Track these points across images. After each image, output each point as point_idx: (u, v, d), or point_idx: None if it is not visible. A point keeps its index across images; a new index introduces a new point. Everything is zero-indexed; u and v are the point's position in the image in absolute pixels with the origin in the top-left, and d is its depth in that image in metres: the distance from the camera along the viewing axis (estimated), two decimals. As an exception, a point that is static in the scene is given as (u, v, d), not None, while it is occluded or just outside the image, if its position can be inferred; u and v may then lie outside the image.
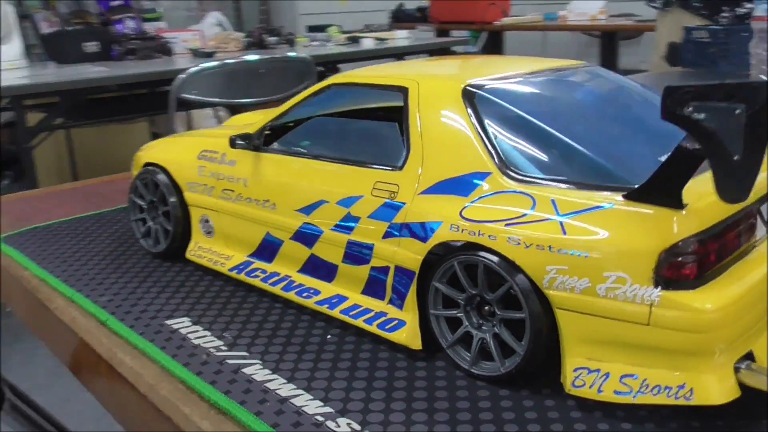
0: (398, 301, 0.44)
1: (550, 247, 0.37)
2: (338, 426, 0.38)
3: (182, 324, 0.48)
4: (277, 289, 0.50)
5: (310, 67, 2.52)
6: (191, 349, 0.44)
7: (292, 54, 2.51)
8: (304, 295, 0.49)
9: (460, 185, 0.41)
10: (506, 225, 0.38)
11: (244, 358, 0.44)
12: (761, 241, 0.42)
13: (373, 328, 0.44)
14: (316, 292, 0.48)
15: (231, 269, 0.54)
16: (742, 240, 0.39)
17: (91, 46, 2.89)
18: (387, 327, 0.44)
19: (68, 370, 0.55)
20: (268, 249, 0.51)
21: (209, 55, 2.86)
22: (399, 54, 3.28)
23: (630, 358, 0.37)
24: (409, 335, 0.43)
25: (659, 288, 0.35)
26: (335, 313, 0.46)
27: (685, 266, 0.35)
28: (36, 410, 0.66)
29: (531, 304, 0.38)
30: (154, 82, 2.52)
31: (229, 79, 2.43)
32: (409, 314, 0.43)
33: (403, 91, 0.45)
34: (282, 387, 0.41)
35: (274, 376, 0.42)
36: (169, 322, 0.49)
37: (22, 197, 0.95)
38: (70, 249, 0.62)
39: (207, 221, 0.56)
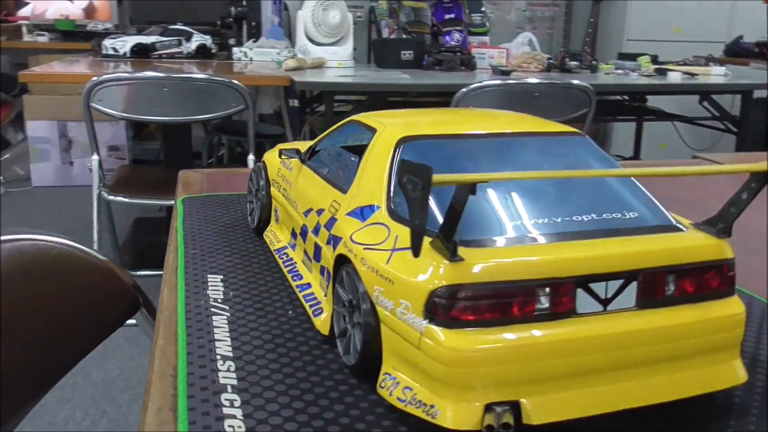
0: (326, 295, 0.56)
1: (377, 271, 0.46)
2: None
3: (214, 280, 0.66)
4: (285, 271, 0.65)
5: (590, 96, 2.56)
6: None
7: (574, 81, 2.55)
8: (294, 279, 0.63)
9: (363, 212, 0.52)
10: (365, 249, 0.48)
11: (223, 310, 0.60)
12: (591, 315, 0.45)
13: (309, 311, 0.57)
14: (300, 277, 0.62)
15: (275, 250, 0.70)
16: (541, 306, 0.43)
17: (407, 55, 3.24)
18: (315, 313, 0.57)
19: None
20: (294, 239, 0.66)
21: (506, 73, 3.01)
22: (701, 91, 3.08)
23: (411, 374, 0.45)
24: (323, 323, 0.55)
25: (426, 320, 0.43)
26: (300, 296, 0.60)
27: (445, 307, 0.42)
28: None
29: (365, 314, 0.48)
30: (446, 93, 2.76)
31: (508, 98, 2.58)
32: (328, 306, 0.55)
33: (373, 132, 0.57)
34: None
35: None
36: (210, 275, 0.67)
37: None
38: (213, 217, 0.84)
39: (276, 210, 0.74)
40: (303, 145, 0.70)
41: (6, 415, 0.68)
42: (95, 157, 2.36)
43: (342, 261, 0.51)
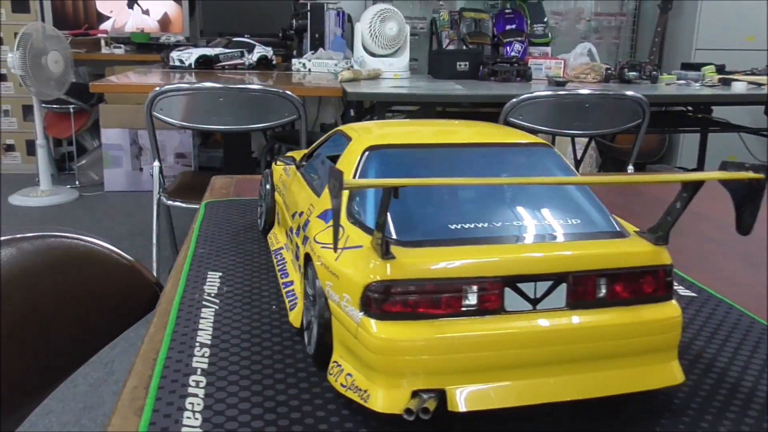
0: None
1: (328, 267, 0.50)
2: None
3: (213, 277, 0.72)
4: (277, 269, 0.70)
5: (643, 107, 2.52)
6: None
7: (628, 92, 2.53)
8: (282, 276, 0.68)
9: (328, 214, 0.56)
10: (322, 247, 0.52)
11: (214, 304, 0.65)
12: (519, 313, 0.47)
13: (287, 306, 0.62)
14: (287, 275, 0.67)
15: (273, 250, 0.75)
16: (469, 302, 0.46)
17: (462, 66, 3.27)
18: (291, 307, 0.61)
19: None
20: (288, 240, 0.71)
21: (561, 84, 3.00)
22: (764, 102, 2.98)
23: (352, 362, 0.48)
24: (295, 316, 0.59)
25: (362, 313, 0.46)
26: (283, 292, 0.65)
27: (377, 301, 0.45)
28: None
29: (320, 307, 0.52)
30: (497, 104, 2.77)
31: (558, 109, 2.57)
32: (300, 301, 0.60)
33: (348, 140, 0.61)
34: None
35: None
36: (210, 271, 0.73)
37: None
38: (230, 220, 0.90)
39: (278, 213, 0.79)
40: (300, 154, 0.75)
41: (25, 401, 0.75)
42: (156, 163, 2.49)
43: (308, 259, 0.56)
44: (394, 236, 0.48)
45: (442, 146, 0.58)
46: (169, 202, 2.41)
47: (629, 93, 2.53)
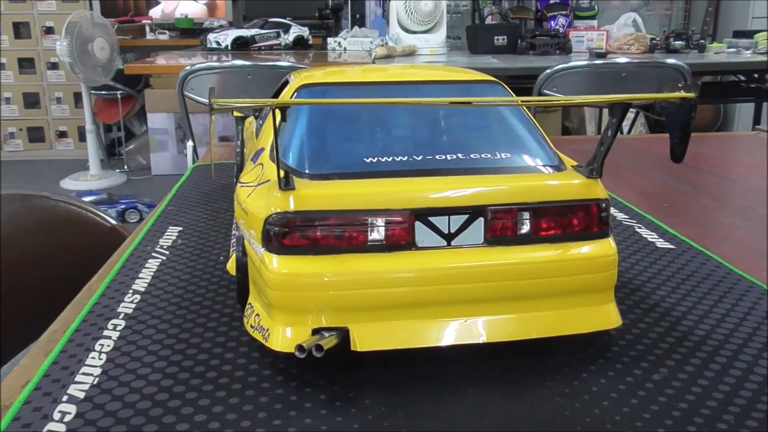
0: None
1: (241, 205, 0.48)
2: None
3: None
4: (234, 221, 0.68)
5: (685, 75, 2.41)
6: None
7: (669, 60, 2.42)
8: (234, 228, 0.66)
9: (257, 155, 0.53)
10: (241, 186, 0.49)
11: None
12: (432, 249, 0.44)
13: (230, 255, 0.60)
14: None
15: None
16: (376, 237, 0.43)
17: (500, 40, 3.19)
18: (230, 255, 0.60)
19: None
20: None
21: (601, 56, 2.90)
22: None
23: (261, 301, 0.46)
24: (231, 263, 0.56)
25: (264, 248, 0.44)
26: (231, 242, 0.63)
27: (277, 234, 0.43)
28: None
29: (239, 247, 0.50)
30: (533, 76, 2.70)
31: (594, 80, 2.49)
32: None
33: (289, 79, 0.59)
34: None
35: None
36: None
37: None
38: (211, 181, 0.89)
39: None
40: None
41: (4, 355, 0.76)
42: (190, 143, 2.51)
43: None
44: (306, 170, 0.45)
45: (380, 84, 0.55)
46: (201, 181, 2.43)
47: (669, 61, 2.42)
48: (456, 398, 0.41)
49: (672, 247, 0.66)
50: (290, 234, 0.42)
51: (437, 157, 0.47)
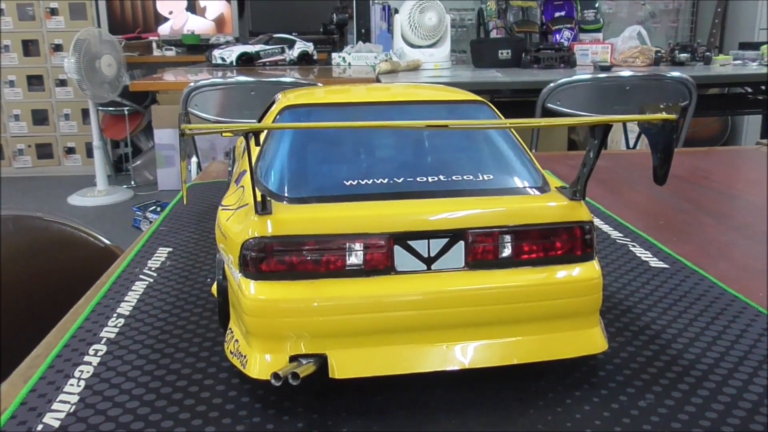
0: None
1: (221, 228, 0.48)
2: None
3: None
4: None
5: (690, 88, 2.40)
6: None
7: (673, 73, 2.41)
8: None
9: (240, 177, 0.52)
10: (221, 209, 0.49)
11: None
12: (412, 273, 0.43)
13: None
14: None
15: None
16: (354, 261, 0.42)
17: (504, 54, 3.20)
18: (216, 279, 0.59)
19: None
20: None
21: (606, 69, 2.90)
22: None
23: (240, 327, 0.46)
24: (215, 286, 0.57)
25: (241, 273, 0.44)
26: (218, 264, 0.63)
27: (254, 260, 0.42)
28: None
29: (220, 272, 0.49)
30: (536, 90, 2.70)
31: (598, 93, 2.48)
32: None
33: (276, 98, 0.58)
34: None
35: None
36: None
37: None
38: (205, 200, 0.89)
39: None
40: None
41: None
42: (194, 159, 2.52)
43: None
44: (285, 194, 0.45)
45: (365, 104, 0.54)
46: (205, 197, 2.44)
47: (674, 74, 2.41)
48: (437, 426, 0.40)
49: (666, 266, 0.65)
50: (267, 259, 0.42)
51: (418, 179, 0.46)
